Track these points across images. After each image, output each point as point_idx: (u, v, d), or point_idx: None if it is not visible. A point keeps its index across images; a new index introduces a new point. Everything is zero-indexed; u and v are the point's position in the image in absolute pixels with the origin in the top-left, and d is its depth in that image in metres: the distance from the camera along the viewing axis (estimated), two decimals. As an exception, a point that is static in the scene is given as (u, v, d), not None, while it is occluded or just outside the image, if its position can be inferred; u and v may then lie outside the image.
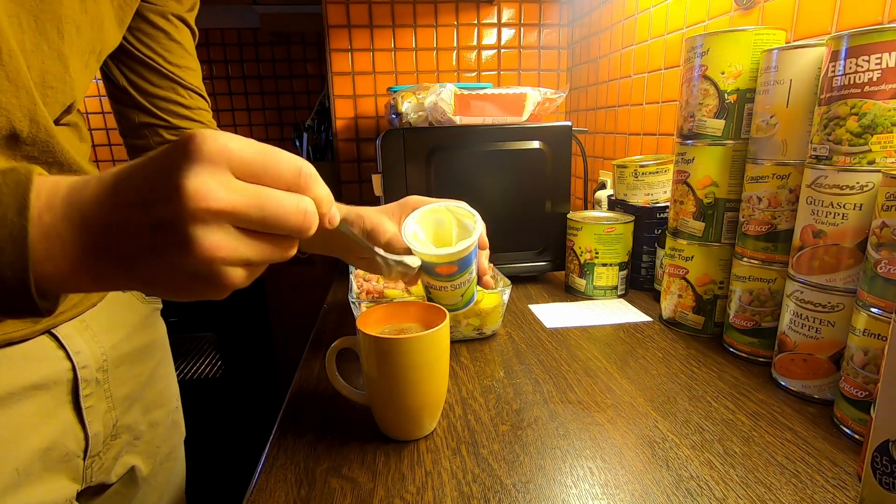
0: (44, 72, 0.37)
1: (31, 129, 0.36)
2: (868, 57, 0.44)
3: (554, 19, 1.46)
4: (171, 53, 0.55)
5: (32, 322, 0.39)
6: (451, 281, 0.51)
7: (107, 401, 0.46)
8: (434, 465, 0.45)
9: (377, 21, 1.40)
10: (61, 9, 0.37)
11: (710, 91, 0.62)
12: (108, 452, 0.47)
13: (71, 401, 0.42)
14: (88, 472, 0.45)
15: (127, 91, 0.56)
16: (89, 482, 0.45)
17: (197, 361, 1.92)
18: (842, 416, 0.48)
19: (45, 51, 0.36)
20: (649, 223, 0.85)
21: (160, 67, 0.55)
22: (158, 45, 0.54)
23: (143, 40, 0.53)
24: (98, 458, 0.46)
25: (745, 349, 0.63)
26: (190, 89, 0.58)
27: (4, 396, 0.37)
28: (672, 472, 0.42)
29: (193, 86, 0.59)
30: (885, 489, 0.34)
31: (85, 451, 0.44)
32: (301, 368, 0.63)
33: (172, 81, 0.56)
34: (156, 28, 0.53)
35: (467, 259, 0.50)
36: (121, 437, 0.48)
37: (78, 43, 0.40)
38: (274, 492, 0.42)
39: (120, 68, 0.55)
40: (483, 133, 0.88)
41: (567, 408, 0.53)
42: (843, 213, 0.47)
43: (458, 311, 0.56)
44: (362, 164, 1.53)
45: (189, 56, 0.58)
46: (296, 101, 2.13)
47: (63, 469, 0.42)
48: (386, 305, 0.52)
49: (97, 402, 0.45)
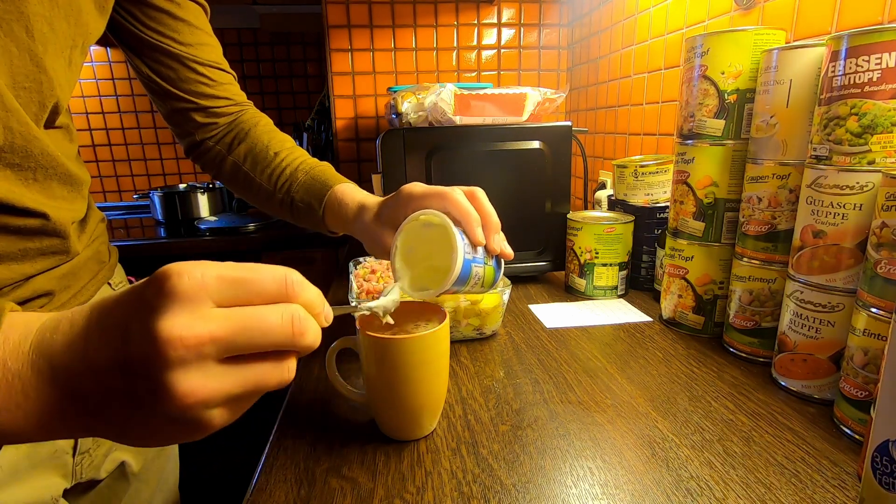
0: (13, 73, 0.36)
1: (7, 136, 0.35)
2: (868, 57, 0.44)
3: (554, 19, 1.46)
4: (180, 33, 0.55)
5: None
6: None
7: None
8: (434, 465, 0.45)
9: (377, 21, 1.40)
10: (28, 6, 0.36)
11: (710, 91, 0.62)
12: (98, 449, 0.47)
13: None
14: (78, 468, 0.45)
15: (153, 80, 0.56)
16: (79, 479, 0.45)
17: (197, 361, 1.92)
18: (842, 416, 0.48)
19: (13, 52, 0.35)
20: (649, 223, 0.85)
21: (172, 49, 0.55)
22: (164, 26, 0.54)
23: (149, 24, 0.53)
24: (88, 455, 0.46)
25: (745, 349, 0.63)
26: (208, 65, 0.58)
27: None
28: (672, 472, 0.42)
29: (211, 61, 0.58)
30: (885, 489, 0.34)
31: (74, 447, 0.44)
32: (301, 368, 0.63)
33: (188, 60, 0.56)
34: (157, 10, 0.53)
35: (461, 277, 0.45)
36: None
37: (53, 40, 0.39)
38: (274, 492, 0.42)
39: (141, 58, 0.55)
40: (483, 133, 0.88)
41: (567, 408, 0.53)
42: (843, 213, 0.47)
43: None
44: (362, 164, 1.53)
45: (200, 31, 0.57)
46: (296, 101, 2.13)
47: (52, 466, 0.42)
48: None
49: None
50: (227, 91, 0.61)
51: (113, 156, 2.14)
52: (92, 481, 0.47)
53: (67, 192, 0.43)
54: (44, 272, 0.42)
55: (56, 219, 0.41)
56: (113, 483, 0.50)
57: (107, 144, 2.13)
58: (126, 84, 2.06)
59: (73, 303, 0.45)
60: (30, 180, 0.38)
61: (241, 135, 0.61)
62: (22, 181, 0.38)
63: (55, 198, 0.41)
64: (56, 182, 0.41)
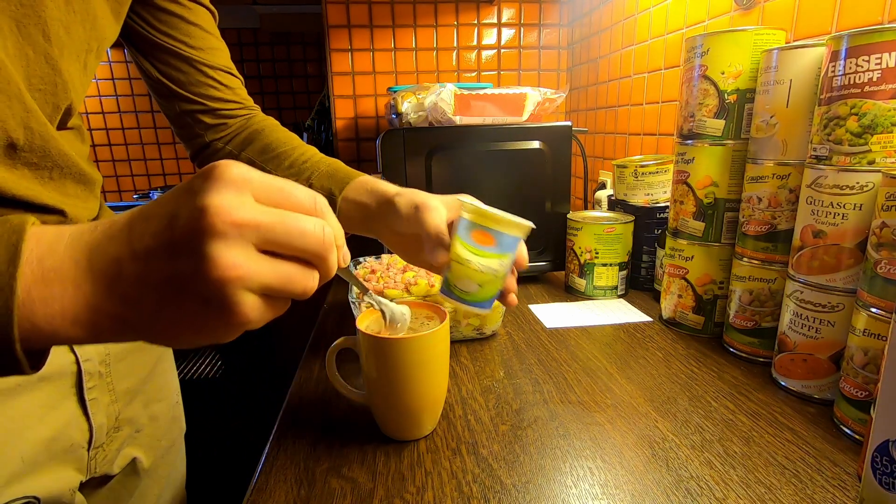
0: (29, 76, 0.37)
1: (27, 136, 0.36)
2: (868, 57, 0.44)
3: (554, 19, 1.46)
4: (191, 37, 0.56)
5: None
6: (483, 258, 0.47)
7: (109, 393, 0.47)
8: (434, 465, 0.45)
9: (377, 21, 1.40)
10: (45, 11, 0.36)
11: (710, 91, 0.62)
12: (111, 444, 0.48)
13: (75, 393, 0.43)
14: (93, 462, 0.46)
15: (161, 82, 0.56)
16: (93, 473, 0.46)
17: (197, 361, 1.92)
18: (842, 416, 0.48)
19: (29, 55, 0.36)
20: (649, 223, 0.85)
21: (184, 53, 0.55)
22: (176, 30, 0.55)
23: (161, 28, 0.54)
24: (102, 450, 0.47)
25: (745, 349, 0.63)
26: (218, 69, 0.59)
27: (12, 387, 0.38)
28: (672, 472, 0.42)
29: (221, 65, 0.59)
30: (885, 489, 0.34)
31: (89, 442, 0.45)
32: (301, 368, 0.63)
33: (199, 64, 0.57)
34: (169, 14, 0.54)
35: (510, 243, 0.47)
36: (123, 429, 0.49)
37: (69, 44, 0.39)
38: (274, 492, 0.42)
39: (149, 60, 0.56)
40: (483, 133, 0.88)
41: (567, 408, 0.53)
42: (843, 213, 0.47)
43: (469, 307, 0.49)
44: (362, 164, 1.53)
45: (210, 36, 0.58)
46: (296, 101, 2.13)
47: (68, 459, 0.43)
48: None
49: (100, 395, 0.46)
50: (237, 95, 0.62)
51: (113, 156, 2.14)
52: (105, 476, 0.48)
53: (81, 191, 0.43)
54: None
55: (74, 216, 0.42)
56: (124, 479, 0.51)
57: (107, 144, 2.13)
58: (126, 84, 2.06)
59: None
60: (46, 179, 0.39)
61: (253, 134, 0.62)
62: (39, 180, 0.39)
63: (70, 196, 0.42)
64: (70, 181, 0.42)
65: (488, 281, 0.47)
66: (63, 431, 0.42)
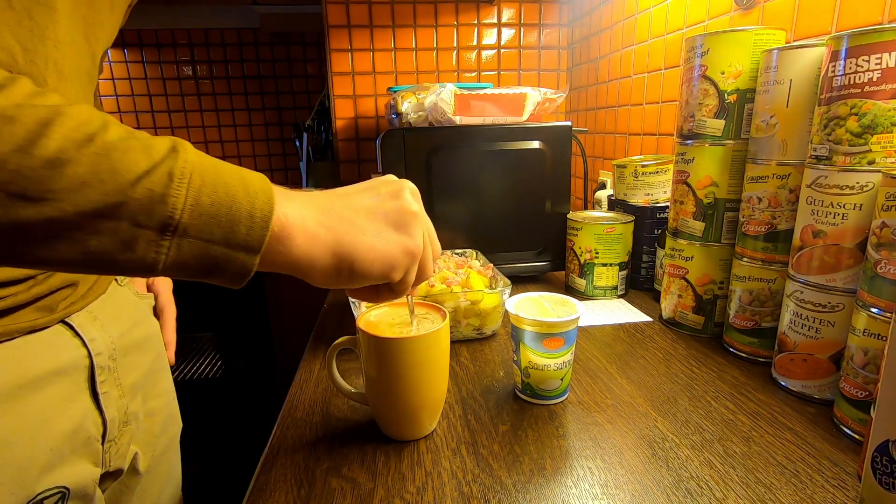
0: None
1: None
2: (868, 57, 0.44)
3: (554, 19, 1.46)
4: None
5: (49, 311, 0.40)
6: (558, 358, 0.51)
7: (118, 388, 0.48)
8: (434, 465, 0.45)
9: (377, 21, 1.40)
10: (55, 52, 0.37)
11: (710, 91, 0.62)
12: (122, 438, 0.48)
13: (89, 387, 0.44)
14: (107, 456, 0.46)
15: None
16: (108, 467, 0.46)
17: (197, 361, 1.91)
18: (842, 416, 0.48)
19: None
20: (649, 223, 0.85)
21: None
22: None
23: None
24: (114, 444, 0.47)
25: (745, 349, 0.62)
26: None
27: (34, 381, 0.39)
28: (672, 472, 0.42)
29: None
30: (885, 489, 0.34)
31: (103, 435, 0.45)
32: (301, 368, 0.63)
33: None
34: None
35: (574, 334, 0.52)
36: (130, 424, 0.50)
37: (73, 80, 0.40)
38: (274, 492, 0.42)
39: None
40: (483, 133, 0.88)
41: (567, 408, 0.53)
42: (843, 213, 0.47)
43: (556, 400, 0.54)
44: (362, 164, 1.53)
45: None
46: (296, 101, 2.13)
47: (86, 452, 0.43)
48: (386, 305, 0.52)
49: (111, 389, 0.46)
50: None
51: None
52: (118, 470, 0.49)
53: None
54: None
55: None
56: (126, 478, 0.51)
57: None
58: (126, 84, 2.06)
59: (91, 293, 0.46)
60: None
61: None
62: None
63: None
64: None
65: (567, 371, 0.53)
66: (81, 424, 0.42)
